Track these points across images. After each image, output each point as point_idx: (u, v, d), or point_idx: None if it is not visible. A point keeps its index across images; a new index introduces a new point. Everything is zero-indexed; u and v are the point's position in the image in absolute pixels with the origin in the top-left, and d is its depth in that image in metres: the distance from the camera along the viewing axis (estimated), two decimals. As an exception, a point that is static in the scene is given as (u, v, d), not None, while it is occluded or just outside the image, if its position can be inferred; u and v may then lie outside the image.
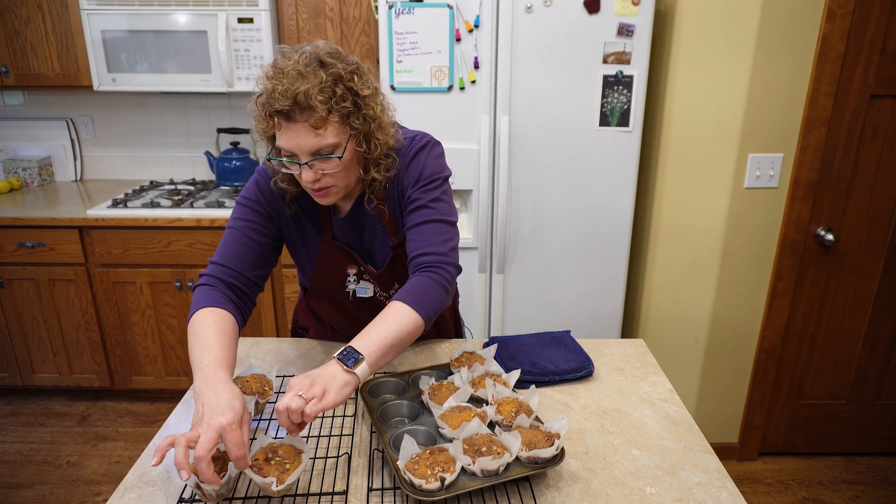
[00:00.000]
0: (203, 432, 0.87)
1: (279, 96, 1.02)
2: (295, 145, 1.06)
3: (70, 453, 2.49)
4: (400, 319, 1.06)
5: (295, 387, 0.93)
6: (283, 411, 0.91)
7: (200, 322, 1.08)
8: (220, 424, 0.88)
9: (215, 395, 0.92)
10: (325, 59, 1.06)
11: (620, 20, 2.00)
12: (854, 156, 2.07)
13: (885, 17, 1.92)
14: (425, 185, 1.20)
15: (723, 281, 2.25)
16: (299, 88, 1.01)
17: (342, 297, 1.34)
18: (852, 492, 2.29)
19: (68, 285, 2.56)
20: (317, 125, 1.04)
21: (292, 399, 0.91)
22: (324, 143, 1.06)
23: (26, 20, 2.53)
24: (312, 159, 1.08)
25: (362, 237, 1.29)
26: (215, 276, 1.17)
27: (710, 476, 1.02)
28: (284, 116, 1.04)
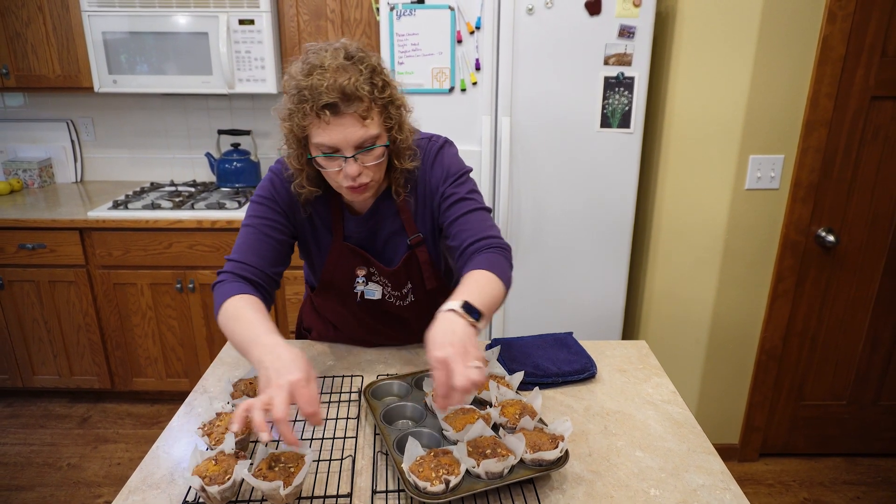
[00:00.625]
0: (275, 394, 0.87)
1: (326, 90, 1.02)
2: (341, 139, 1.06)
3: (70, 455, 2.48)
4: (486, 279, 1.07)
5: (449, 356, 0.89)
6: (469, 386, 0.87)
7: (234, 307, 1.09)
8: (290, 381, 0.89)
9: (277, 358, 0.93)
10: (356, 53, 1.08)
11: (621, 22, 2.00)
12: (855, 157, 2.08)
13: (886, 18, 1.92)
14: (456, 181, 1.23)
15: (724, 282, 2.25)
16: (345, 80, 1.03)
17: (350, 297, 1.34)
18: (853, 493, 2.29)
19: (69, 287, 2.56)
20: (364, 115, 1.06)
21: (471, 371, 0.87)
22: (369, 133, 1.08)
23: (27, 22, 2.53)
24: (357, 152, 1.08)
25: (378, 236, 1.29)
26: (234, 272, 1.18)
27: (713, 478, 1.02)
28: (332, 109, 1.04)
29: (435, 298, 1.38)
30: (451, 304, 0.99)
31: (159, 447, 1.10)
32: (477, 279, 1.07)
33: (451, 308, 0.98)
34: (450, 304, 0.99)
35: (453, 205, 1.22)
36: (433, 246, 1.31)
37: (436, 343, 0.93)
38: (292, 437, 0.88)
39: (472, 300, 1.00)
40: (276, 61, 2.54)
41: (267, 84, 2.54)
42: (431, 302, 1.38)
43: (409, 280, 1.32)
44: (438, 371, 0.90)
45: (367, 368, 1.35)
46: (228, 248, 2.49)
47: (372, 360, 1.39)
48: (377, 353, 1.42)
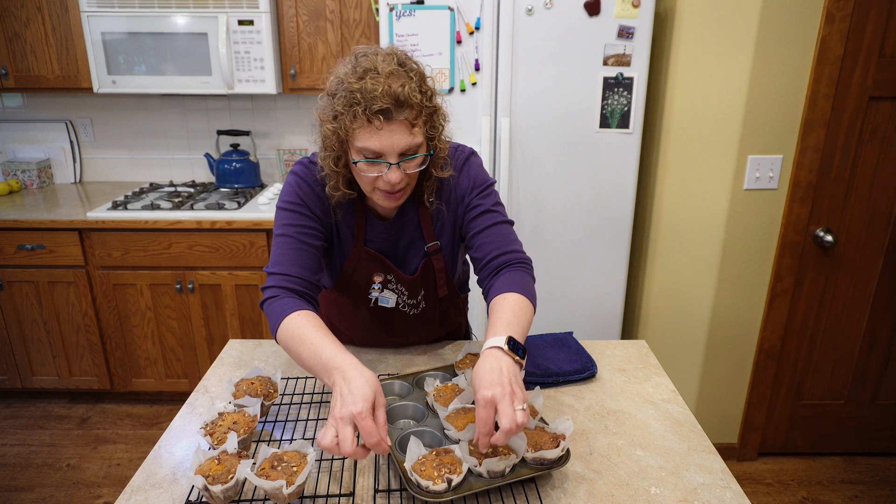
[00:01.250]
0: (340, 429, 0.89)
1: (381, 95, 1.02)
2: (388, 145, 1.06)
3: (70, 456, 2.48)
4: (523, 306, 1.09)
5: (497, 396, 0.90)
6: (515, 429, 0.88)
7: (294, 326, 1.07)
8: (352, 414, 0.89)
9: (347, 384, 0.93)
10: (406, 61, 1.09)
11: (620, 22, 2.01)
12: (853, 157, 2.09)
13: (884, 19, 1.93)
14: (482, 192, 1.24)
15: (722, 282, 2.26)
16: (398, 87, 1.03)
17: (363, 302, 1.34)
18: (851, 492, 2.30)
19: (68, 287, 2.56)
20: (413, 123, 1.06)
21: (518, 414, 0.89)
22: (413, 141, 1.08)
23: (26, 22, 2.52)
24: (401, 160, 1.08)
25: (399, 242, 1.29)
26: (281, 286, 1.15)
27: (714, 476, 1.03)
28: (385, 114, 1.03)
29: (442, 307, 1.39)
30: (496, 340, 0.99)
31: (161, 447, 1.10)
32: (513, 307, 1.08)
33: (496, 345, 0.98)
34: (495, 341, 0.99)
35: (478, 216, 1.23)
36: (450, 255, 1.31)
37: (483, 381, 0.92)
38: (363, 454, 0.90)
39: (515, 335, 1.01)
40: (275, 62, 2.54)
41: (266, 84, 2.54)
42: (439, 311, 1.40)
43: (423, 288, 1.33)
44: (484, 410, 0.91)
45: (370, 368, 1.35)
46: (228, 248, 2.49)
47: (373, 359, 1.39)
48: (378, 353, 1.42)
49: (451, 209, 1.26)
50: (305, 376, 1.32)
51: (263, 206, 2.55)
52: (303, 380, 1.30)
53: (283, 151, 3.01)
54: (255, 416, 1.06)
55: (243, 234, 2.48)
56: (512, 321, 1.05)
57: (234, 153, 2.86)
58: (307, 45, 2.56)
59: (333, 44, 2.55)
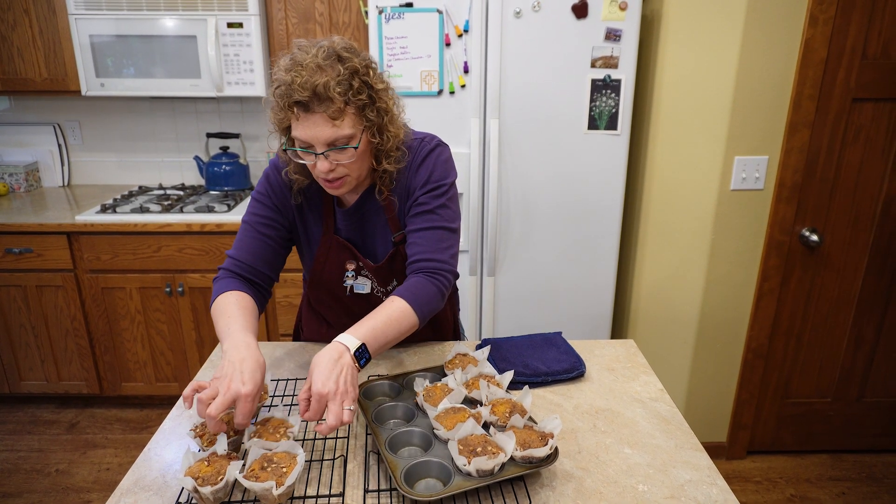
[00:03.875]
0: (221, 394, 0.96)
1: (299, 87, 1.05)
2: (312, 136, 1.10)
3: (59, 461, 2.46)
4: (399, 317, 1.14)
5: (331, 393, 0.97)
6: (337, 426, 0.96)
7: (223, 303, 1.16)
8: (238, 393, 0.96)
9: (241, 361, 1.00)
10: (342, 54, 1.10)
11: (608, 25, 2.02)
12: (837, 158, 2.11)
13: (866, 22, 1.96)
14: (432, 190, 1.25)
15: (710, 281, 2.28)
16: (318, 80, 1.05)
17: (340, 291, 1.36)
18: (839, 488, 2.32)
19: (56, 291, 2.54)
20: (334, 116, 1.08)
21: (345, 413, 0.97)
22: (340, 133, 1.10)
23: (13, 25, 2.51)
24: (328, 150, 1.11)
25: (364, 230, 1.31)
26: (231, 269, 1.25)
27: (700, 473, 1.04)
28: (303, 107, 1.08)
29: None
30: (350, 339, 1.06)
31: (151, 449, 1.10)
32: (390, 315, 1.13)
33: (346, 344, 1.05)
34: (348, 340, 1.06)
35: (419, 215, 1.25)
36: None
37: (321, 375, 0.99)
38: (216, 429, 0.97)
39: (373, 342, 1.09)
40: (264, 64, 2.54)
41: (256, 87, 2.54)
42: None
43: (393, 277, 1.34)
44: (317, 403, 0.98)
45: (359, 369, 1.36)
46: (218, 251, 2.49)
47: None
48: (368, 355, 1.42)
49: (402, 200, 1.28)
50: (295, 378, 1.32)
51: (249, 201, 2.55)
52: (293, 381, 1.30)
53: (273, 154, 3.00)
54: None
55: (233, 237, 2.47)
56: (379, 327, 1.11)
57: (223, 156, 2.86)
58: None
59: (323, 46, 2.55)
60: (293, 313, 2.58)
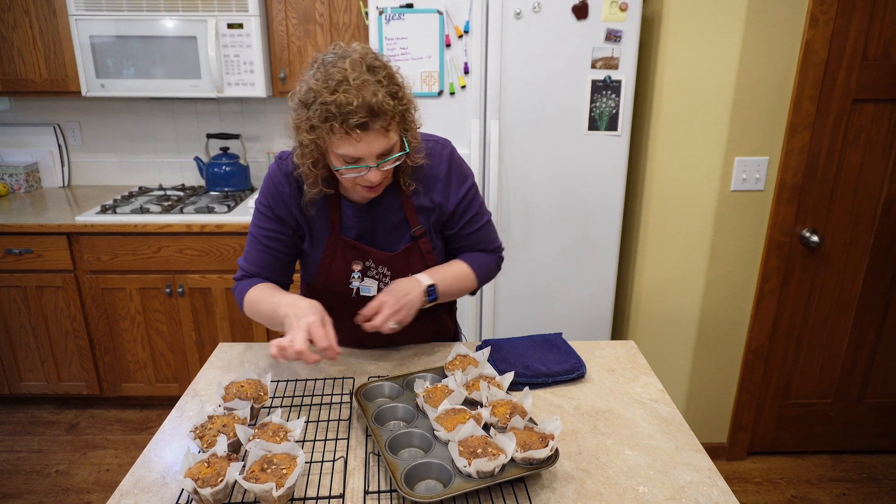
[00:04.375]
0: (295, 333, 1.08)
1: (356, 109, 1.04)
2: (366, 152, 1.11)
3: (59, 462, 2.46)
4: (465, 276, 1.34)
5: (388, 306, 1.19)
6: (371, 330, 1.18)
7: (254, 294, 1.27)
8: (307, 323, 1.09)
9: (296, 307, 1.14)
10: (373, 63, 1.10)
11: (608, 26, 2.02)
12: (837, 159, 2.11)
13: (866, 22, 1.96)
14: (467, 196, 1.35)
15: (710, 282, 2.28)
16: (372, 98, 1.05)
17: (346, 293, 1.35)
18: (839, 489, 2.32)
19: (56, 292, 2.54)
20: (387, 128, 1.11)
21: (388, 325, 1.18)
22: (390, 143, 1.13)
23: (13, 25, 2.51)
24: (380, 161, 1.13)
25: (379, 228, 1.32)
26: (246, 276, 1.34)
27: (701, 474, 1.04)
28: (362, 127, 1.07)
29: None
30: (426, 278, 1.26)
31: (151, 451, 1.10)
32: (459, 272, 1.33)
33: (423, 281, 1.25)
34: (424, 279, 1.26)
35: (469, 221, 1.36)
36: (435, 240, 1.37)
37: (392, 291, 1.21)
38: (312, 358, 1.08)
39: (442, 288, 1.28)
40: (264, 65, 2.54)
41: (256, 88, 2.54)
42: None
43: (410, 271, 1.34)
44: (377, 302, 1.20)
45: (359, 370, 1.36)
46: (218, 252, 2.49)
47: (363, 361, 1.40)
48: (368, 356, 1.42)
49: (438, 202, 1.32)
50: (296, 379, 1.32)
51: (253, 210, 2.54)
52: (293, 382, 1.30)
53: (273, 155, 3.00)
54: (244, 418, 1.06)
55: (233, 238, 2.47)
56: (448, 278, 1.30)
57: (223, 156, 2.86)
58: (297, 48, 2.56)
59: (323, 47, 2.56)
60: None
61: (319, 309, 1.14)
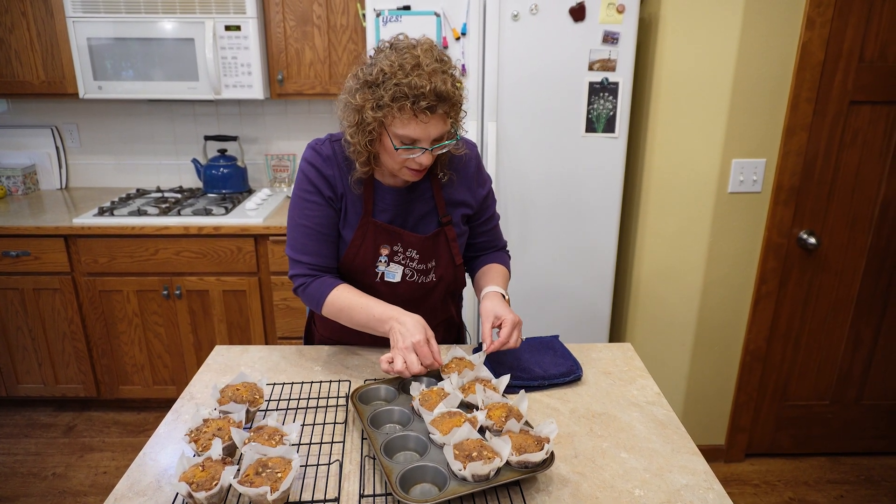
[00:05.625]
0: (406, 355, 1.16)
1: (429, 92, 1.12)
2: (426, 134, 1.18)
3: (56, 465, 2.46)
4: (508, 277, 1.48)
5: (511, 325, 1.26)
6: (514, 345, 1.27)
7: (339, 298, 1.29)
8: (413, 343, 1.16)
9: (401, 325, 1.20)
10: (441, 55, 1.19)
11: (605, 28, 2.03)
12: (834, 160, 2.11)
13: (863, 25, 1.96)
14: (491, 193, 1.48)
15: (708, 284, 2.28)
16: (440, 84, 1.13)
17: (370, 277, 1.37)
18: (837, 491, 2.32)
19: (54, 294, 2.54)
20: (448, 115, 1.18)
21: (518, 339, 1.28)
22: (446, 129, 1.20)
23: (10, 27, 2.51)
24: (434, 146, 1.20)
25: (412, 210, 1.36)
26: (310, 273, 1.33)
27: (697, 478, 1.04)
28: (429, 110, 1.14)
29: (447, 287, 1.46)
30: (499, 289, 1.36)
31: (146, 454, 1.09)
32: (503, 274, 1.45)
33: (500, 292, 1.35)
34: (498, 289, 1.36)
35: (489, 219, 1.49)
36: (461, 229, 1.42)
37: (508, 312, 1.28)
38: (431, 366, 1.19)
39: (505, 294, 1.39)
40: (262, 67, 2.54)
41: (253, 90, 2.54)
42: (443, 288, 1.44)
43: (434, 256, 1.38)
44: (513, 329, 1.26)
45: (355, 373, 1.36)
46: (215, 254, 2.48)
47: (359, 364, 1.40)
48: (364, 359, 1.42)
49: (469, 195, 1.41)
50: (291, 382, 1.32)
51: (251, 212, 2.55)
52: (288, 385, 1.30)
53: (271, 157, 3.00)
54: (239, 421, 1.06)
55: (231, 240, 2.47)
56: (501, 283, 1.40)
57: (221, 159, 2.85)
58: (294, 50, 2.56)
59: (321, 49, 2.56)
60: (291, 316, 2.58)
61: (423, 325, 1.20)
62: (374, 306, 1.25)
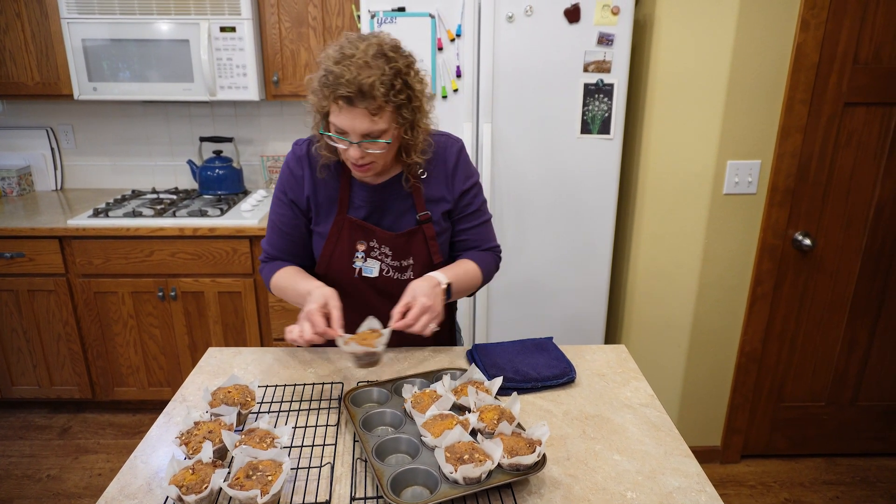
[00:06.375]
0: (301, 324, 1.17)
1: (346, 83, 1.13)
2: (349, 126, 1.18)
3: (50, 466, 2.45)
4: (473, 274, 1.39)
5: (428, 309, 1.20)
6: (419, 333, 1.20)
7: (280, 278, 1.36)
8: (308, 311, 1.18)
9: (309, 295, 1.23)
10: (388, 53, 1.18)
11: (600, 29, 2.03)
12: (829, 162, 2.12)
13: (857, 26, 1.96)
14: (472, 190, 1.42)
15: (703, 286, 2.28)
16: (365, 79, 1.13)
17: (349, 274, 1.38)
18: (832, 492, 2.32)
19: (48, 296, 2.53)
20: (374, 112, 1.17)
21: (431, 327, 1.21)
22: (375, 127, 1.18)
23: (5, 29, 2.50)
24: (362, 140, 1.20)
25: (387, 208, 1.37)
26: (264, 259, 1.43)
27: (689, 480, 1.04)
28: (347, 101, 1.15)
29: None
30: (443, 277, 1.29)
31: (137, 457, 1.09)
32: (468, 270, 1.38)
33: (440, 280, 1.28)
34: (441, 277, 1.28)
35: (470, 215, 1.43)
36: (441, 227, 1.41)
37: (424, 293, 1.22)
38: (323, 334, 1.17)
39: (455, 286, 1.32)
40: (257, 68, 2.53)
41: (249, 91, 2.53)
42: None
43: (411, 254, 1.37)
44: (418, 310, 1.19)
45: (348, 375, 1.35)
46: (211, 255, 2.48)
47: (352, 367, 1.39)
48: (358, 360, 1.42)
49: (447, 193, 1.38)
50: (284, 384, 1.31)
51: (246, 213, 2.54)
52: (281, 387, 1.30)
53: (267, 158, 3.00)
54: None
55: (226, 241, 2.47)
56: (460, 275, 1.34)
57: (217, 160, 2.85)
58: (290, 51, 2.56)
59: (316, 50, 2.55)
60: (287, 317, 2.57)
61: (327, 297, 1.21)
62: (301, 282, 1.29)
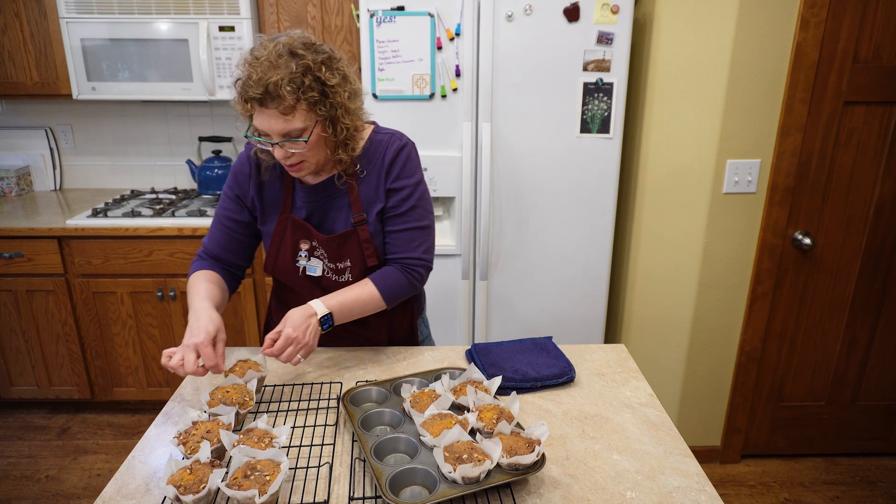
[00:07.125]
0: (185, 354, 1.13)
1: (253, 84, 1.13)
2: (267, 127, 1.18)
3: (49, 467, 2.45)
4: (367, 298, 1.31)
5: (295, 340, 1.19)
6: (284, 360, 1.20)
7: (193, 282, 1.32)
8: (195, 343, 1.13)
9: (196, 321, 1.18)
10: (297, 51, 1.15)
11: (600, 28, 2.02)
12: (829, 161, 2.11)
13: (857, 25, 1.96)
14: (400, 192, 1.33)
15: (703, 285, 2.27)
16: (270, 79, 1.12)
17: (294, 273, 1.39)
18: (832, 492, 2.31)
19: (47, 296, 2.53)
20: (285, 112, 1.15)
21: (296, 359, 1.20)
22: (291, 127, 1.17)
23: (3, 28, 2.50)
24: (283, 140, 1.19)
25: (326, 209, 1.36)
26: (203, 255, 1.41)
27: (689, 480, 1.03)
28: (257, 102, 1.15)
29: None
30: (320, 306, 1.25)
31: (135, 457, 1.09)
32: (359, 295, 1.31)
33: (318, 310, 1.24)
34: (318, 306, 1.25)
35: (392, 218, 1.35)
36: (377, 228, 1.36)
37: (294, 324, 1.20)
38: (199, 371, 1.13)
39: (336, 315, 1.27)
40: (256, 68, 2.52)
41: (248, 91, 2.52)
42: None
43: (347, 256, 1.36)
44: (283, 342, 1.18)
45: (346, 375, 1.35)
46: (210, 255, 2.47)
47: (351, 366, 1.39)
48: (356, 360, 1.41)
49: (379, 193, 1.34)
50: (283, 384, 1.31)
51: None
52: (279, 387, 1.29)
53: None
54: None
55: (225, 241, 2.46)
56: (347, 303, 1.29)
57: (216, 160, 2.84)
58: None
59: (315, 50, 2.55)
60: (286, 317, 2.57)
61: (213, 327, 1.18)
62: (197, 298, 1.26)
